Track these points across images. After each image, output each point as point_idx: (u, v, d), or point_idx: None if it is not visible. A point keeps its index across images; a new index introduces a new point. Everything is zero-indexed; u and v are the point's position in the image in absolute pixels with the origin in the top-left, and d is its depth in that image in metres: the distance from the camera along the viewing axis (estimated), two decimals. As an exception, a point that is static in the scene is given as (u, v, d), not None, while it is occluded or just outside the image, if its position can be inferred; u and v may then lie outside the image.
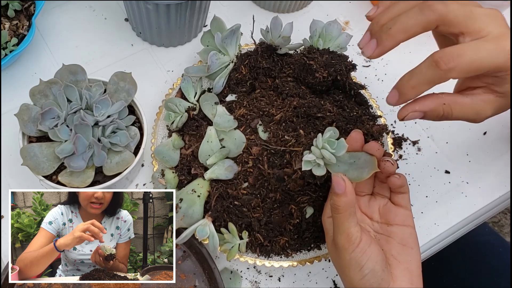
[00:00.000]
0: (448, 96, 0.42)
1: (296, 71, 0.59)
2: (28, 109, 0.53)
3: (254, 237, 0.54)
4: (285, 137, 0.53)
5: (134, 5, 0.62)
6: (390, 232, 0.47)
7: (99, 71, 0.66)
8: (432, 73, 0.40)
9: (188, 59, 0.69)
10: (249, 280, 0.57)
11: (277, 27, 0.60)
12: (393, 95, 0.42)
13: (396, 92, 0.42)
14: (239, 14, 0.73)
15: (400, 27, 0.40)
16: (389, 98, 0.42)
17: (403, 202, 0.48)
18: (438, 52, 0.39)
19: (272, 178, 0.52)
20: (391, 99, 0.42)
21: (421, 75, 0.40)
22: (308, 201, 0.52)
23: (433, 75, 0.40)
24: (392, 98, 0.42)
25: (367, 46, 0.42)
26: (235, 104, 0.58)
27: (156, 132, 0.59)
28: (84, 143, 0.50)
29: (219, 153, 0.54)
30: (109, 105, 0.53)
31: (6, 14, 0.61)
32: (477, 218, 0.65)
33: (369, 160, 0.46)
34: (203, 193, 0.53)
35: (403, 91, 0.41)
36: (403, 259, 0.45)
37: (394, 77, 0.72)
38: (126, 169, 0.53)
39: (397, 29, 0.40)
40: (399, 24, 0.40)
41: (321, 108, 0.55)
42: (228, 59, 0.60)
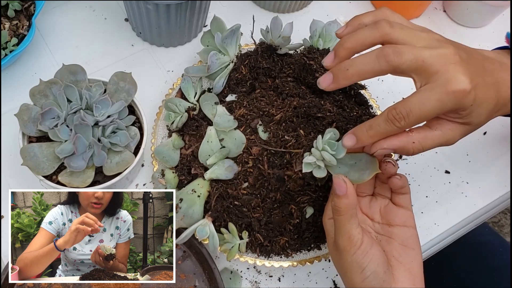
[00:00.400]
0: (417, 134, 0.43)
1: (296, 71, 0.59)
2: (28, 109, 0.53)
3: (254, 237, 0.54)
4: (285, 137, 0.53)
5: (134, 5, 0.62)
6: (391, 233, 0.47)
7: (99, 71, 0.66)
8: (389, 128, 0.42)
9: (188, 59, 0.69)
10: (249, 280, 0.57)
11: (277, 27, 0.60)
12: (350, 139, 0.44)
13: (354, 137, 0.44)
14: (239, 14, 0.74)
15: (356, 70, 0.43)
16: (345, 141, 0.44)
17: (404, 203, 0.48)
18: (391, 110, 0.42)
19: (272, 178, 0.51)
20: (347, 142, 0.44)
21: (378, 128, 0.43)
22: (308, 201, 0.52)
23: (390, 130, 0.42)
24: (349, 141, 0.44)
25: (323, 79, 0.45)
26: (235, 104, 0.58)
27: (156, 132, 0.59)
28: (84, 143, 0.50)
29: (219, 153, 0.54)
30: (109, 105, 0.53)
31: (6, 14, 0.61)
32: (477, 218, 0.65)
33: (370, 161, 0.46)
34: (203, 193, 0.53)
35: (361, 138, 0.44)
36: (405, 260, 0.45)
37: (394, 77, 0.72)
38: (126, 169, 0.53)
39: (353, 72, 0.43)
40: (355, 68, 0.43)
41: (321, 108, 0.55)
42: (228, 59, 0.60)
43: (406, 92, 0.71)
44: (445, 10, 0.80)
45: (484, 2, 0.73)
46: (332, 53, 0.46)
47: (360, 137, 0.44)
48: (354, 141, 0.44)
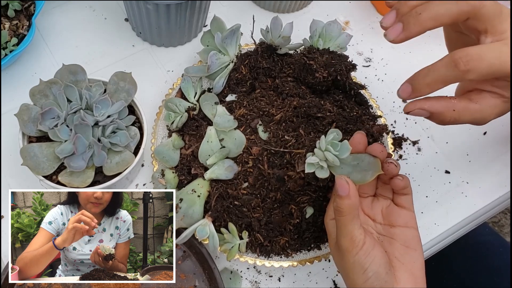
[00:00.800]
0: (459, 102, 0.41)
1: (296, 71, 0.59)
2: (28, 109, 0.53)
3: (254, 237, 0.54)
4: (285, 137, 0.53)
5: (134, 5, 0.62)
6: (393, 233, 0.47)
7: (99, 71, 0.66)
8: (449, 73, 0.38)
9: (188, 59, 0.69)
10: (249, 280, 0.57)
11: (277, 27, 0.60)
12: (405, 89, 0.40)
13: (409, 87, 0.40)
14: (239, 14, 0.73)
15: (431, 14, 0.38)
16: (401, 92, 0.41)
17: (406, 204, 0.48)
18: (458, 52, 0.38)
19: (272, 178, 0.51)
20: (403, 93, 0.41)
21: (438, 73, 0.39)
22: (308, 201, 0.52)
23: (450, 75, 0.38)
24: (405, 92, 0.40)
25: (392, 29, 0.39)
26: (235, 104, 0.58)
27: (156, 132, 0.59)
28: (84, 143, 0.50)
29: (219, 153, 0.54)
30: (109, 105, 0.53)
31: (6, 14, 0.61)
32: (477, 218, 0.65)
33: (373, 162, 0.46)
34: (203, 193, 0.53)
35: (417, 87, 0.40)
36: (407, 261, 0.45)
37: (394, 77, 0.72)
38: (126, 169, 0.53)
39: (427, 15, 0.38)
40: (430, 11, 0.38)
41: (321, 108, 0.55)
42: (228, 59, 0.60)
43: (406, 92, 0.71)
44: (445, 10, 0.80)
45: (484, 2, 0.72)
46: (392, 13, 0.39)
47: (416, 86, 0.40)
48: (409, 90, 0.40)
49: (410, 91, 0.40)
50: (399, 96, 0.41)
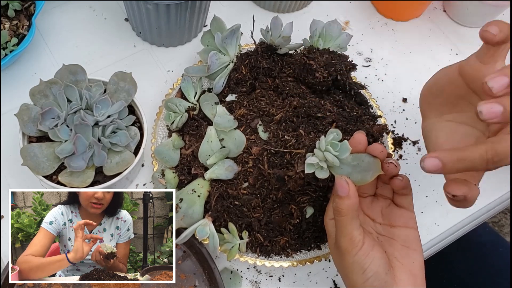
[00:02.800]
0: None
1: (296, 71, 0.59)
2: (28, 109, 0.53)
3: (254, 237, 0.54)
4: (285, 137, 0.53)
5: (134, 5, 0.62)
6: (393, 234, 0.47)
7: (99, 71, 0.66)
8: (480, 166, 0.37)
9: (188, 59, 0.69)
10: (249, 280, 0.57)
11: (277, 27, 0.60)
12: (434, 164, 0.38)
13: (440, 163, 0.38)
14: (239, 14, 0.74)
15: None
16: (428, 165, 0.38)
17: (406, 204, 0.48)
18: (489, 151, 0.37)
19: (272, 178, 0.51)
20: (431, 167, 0.38)
21: (469, 164, 0.38)
22: (308, 201, 0.52)
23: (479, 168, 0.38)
24: (433, 167, 0.38)
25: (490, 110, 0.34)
26: (235, 104, 0.58)
27: (156, 132, 0.59)
28: (84, 143, 0.50)
29: (219, 153, 0.54)
30: (109, 105, 0.53)
31: (6, 14, 0.61)
32: (477, 218, 0.65)
33: (373, 162, 0.45)
34: (203, 193, 0.53)
35: (447, 169, 0.38)
36: (406, 261, 0.45)
37: (394, 77, 0.72)
38: (126, 169, 0.53)
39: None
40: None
41: (321, 108, 0.55)
42: (228, 59, 0.60)
43: (406, 92, 0.71)
44: (445, 10, 0.80)
45: (484, 2, 0.73)
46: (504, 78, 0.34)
47: (446, 164, 0.38)
48: (439, 166, 0.38)
49: (440, 168, 0.38)
50: (425, 169, 0.39)
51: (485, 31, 0.38)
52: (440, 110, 0.47)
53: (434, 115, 0.48)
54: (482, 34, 0.39)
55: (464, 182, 0.41)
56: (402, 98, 0.71)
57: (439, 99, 0.47)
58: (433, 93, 0.47)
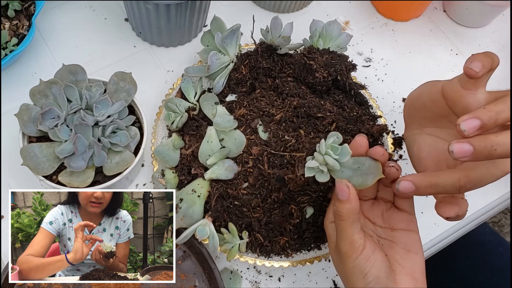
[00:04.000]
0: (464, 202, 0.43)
1: (296, 71, 0.59)
2: (28, 109, 0.53)
3: (254, 237, 0.54)
4: (285, 137, 0.53)
5: (134, 5, 0.62)
6: (393, 237, 0.47)
7: (99, 71, 0.66)
8: (452, 192, 0.41)
9: (188, 59, 0.69)
10: (249, 280, 0.57)
11: (277, 27, 0.60)
12: (408, 187, 0.42)
13: (413, 186, 0.42)
14: (239, 14, 0.74)
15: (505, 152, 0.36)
16: (403, 188, 0.42)
17: (407, 207, 0.48)
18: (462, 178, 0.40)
19: (272, 178, 0.51)
20: (404, 190, 0.42)
21: (442, 190, 0.41)
22: (308, 201, 0.52)
23: (451, 193, 0.41)
24: (406, 189, 0.42)
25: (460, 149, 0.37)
26: (235, 104, 0.58)
27: (156, 132, 0.59)
28: (84, 143, 0.50)
29: (219, 153, 0.54)
30: (109, 105, 0.53)
31: (6, 14, 0.61)
32: (477, 218, 0.65)
33: (374, 165, 0.45)
34: (203, 193, 0.53)
35: (420, 190, 0.42)
36: (407, 265, 0.45)
37: (394, 77, 0.72)
38: (126, 169, 0.53)
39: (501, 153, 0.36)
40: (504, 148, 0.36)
41: (321, 108, 0.55)
42: (228, 59, 0.60)
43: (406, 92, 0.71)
44: (445, 10, 0.80)
45: (484, 2, 0.73)
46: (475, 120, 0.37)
47: (419, 188, 0.42)
48: (413, 189, 0.42)
49: (413, 190, 0.42)
50: (398, 189, 0.43)
51: (469, 68, 0.40)
52: (421, 123, 0.49)
53: (416, 126, 0.50)
54: (466, 70, 0.41)
55: (453, 200, 0.43)
56: (402, 98, 0.71)
57: (421, 112, 0.49)
58: (416, 106, 0.50)
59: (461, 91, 0.43)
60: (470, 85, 0.42)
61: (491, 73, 0.42)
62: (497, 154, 0.36)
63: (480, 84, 0.42)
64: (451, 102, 0.44)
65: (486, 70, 0.40)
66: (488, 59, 0.40)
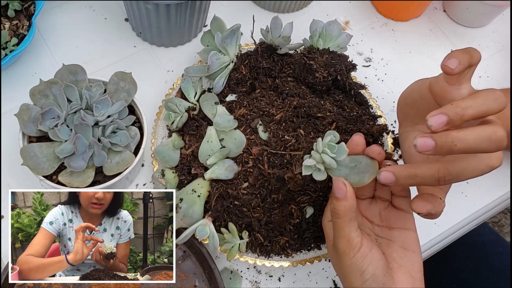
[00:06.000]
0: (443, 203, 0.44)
1: (296, 71, 0.59)
2: (28, 109, 0.53)
3: (254, 237, 0.54)
4: (285, 137, 0.53)
5: (134, 5, 0.62)
6: (391, 235, 0.47)
7: (99, 71, 0.66)
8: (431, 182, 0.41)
9: (188, 59, 0.69)
10: (249, 280, 0.57)
11: (277, 27, 0.60)
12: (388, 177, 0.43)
13: (393, 177, 0.42)
14: (239, 14, 0.74)
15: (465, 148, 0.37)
16: (382, 178, 0.43)
17: (405, 206, 0.48)
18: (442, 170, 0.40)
19: (272, 178, 0.51)
20: (384, 180, 0.43)
21: (421, 181, 0.41)
22: (308, 201, 0.52)
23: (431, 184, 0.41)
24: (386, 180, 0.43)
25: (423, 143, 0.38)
26: (235, 104, 0.58)
27: (156, 132, 0.59)
28: (84, 143, 0.50)
29: (219, 153, 0.54)
30: (109, 105, 0.53)
31: (6, 14, 0.61)
32: (477, 218, 0.65)
33: (370, 164, 0.45)
34: (203, 193, 0.53)
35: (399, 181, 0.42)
36: (405, 263, 0.45)
37: (394, 77, 0.72)
38: (126, 169, 0.53)
39: (461, 148, 0.37)
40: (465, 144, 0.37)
41: (321, 108, 0.55)
42: (228, 59, 0.60)
43: (406, 92, 0.71)
44: (445, 10, 0.80)
45: (484, 2, 0.73)
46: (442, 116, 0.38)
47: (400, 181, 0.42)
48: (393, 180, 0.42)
49: (393, 181, 0.42)
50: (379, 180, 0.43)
51: (445, 65, 0.41)
52: (413, 120, 0.50)
53: (408, 124, 0.51)
54: (442, 67, 0.42)
55: (429, 198, 0.44)
56: (402, 98, 0.71)
57: (412, 110, 0.50)
58: (407, 104, 0.50)
59: (446, 87, 0.44)
60: (453, 81, 0.43)
61: (473, 69, 0.42)
62: (457, 149, 0.37)
63: (463, 80, 0.43)
64: (438, 98, 0.45)
65: (463, 66, 0.41)
66: (465, 55, 0.41)
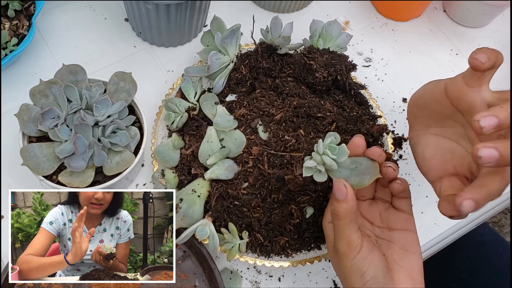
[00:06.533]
0: None
1: (296, 71, 0.59)
2: (28, 109, 0.53)
3: (254, 237, 0.54)
4: (285, 137, 0.53)
5: (134, 5, 0.62)
6: (391, 237, 0.47)
7: (99, 71, 0.66)
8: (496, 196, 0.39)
9: (188, 59, 0.69)
10: (249, 280, 0.57)
11: (277, 27, 0.60)
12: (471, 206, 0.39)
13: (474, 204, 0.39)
14: (239, 14, 0.74)
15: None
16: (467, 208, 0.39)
17: (405, 207, 0.48)
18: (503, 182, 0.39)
19: (272, 178, 0.51)
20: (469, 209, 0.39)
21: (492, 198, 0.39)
22: (308, 201, 0.52)
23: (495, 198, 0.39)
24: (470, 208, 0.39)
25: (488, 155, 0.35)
26: (235, 104, 0.58)
27: (156, 132, 0.59)
28: (84, 143, 0.50)
29: (219, 153, 0.54)
30: (109, 105, 0.53)
31: (6, 14, 0.61)
32: (477, 218, 0.65)
33: (371, 165, 0.45)
34: (203, 193, 0.53)
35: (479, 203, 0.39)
36: (405, 264, 0.45)
37: (394, 77, 0.72)
38: (126, 169, 0.53)
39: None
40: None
41: (321, 108, 0.55)
42: (228, 59, 0.60)
43: (406, 92, 0.71)
44: (445, 10, 0.80)
45: (484, 2, 0.73)
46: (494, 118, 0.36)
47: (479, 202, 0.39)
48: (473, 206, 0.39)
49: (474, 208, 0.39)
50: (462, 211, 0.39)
51: (474, 58, 0.40)
52: (425, 123, 0.48)
53: (420, 127, 0.49)
54: (471, 61, 0.40)
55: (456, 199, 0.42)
56: (402, 98, 0.71)
57: (424, 113, 0.48)
58: (419, 106, 0.48)
59: (465, 89, 0.42)
60: (474, 82, 0.41)
61: (494, 71, 0.41)
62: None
63: (484, 81, 0.41)
64: (455, 100, 0.44)
65: (491, 63, 0.40)
66: (494, 53, 0.40)
